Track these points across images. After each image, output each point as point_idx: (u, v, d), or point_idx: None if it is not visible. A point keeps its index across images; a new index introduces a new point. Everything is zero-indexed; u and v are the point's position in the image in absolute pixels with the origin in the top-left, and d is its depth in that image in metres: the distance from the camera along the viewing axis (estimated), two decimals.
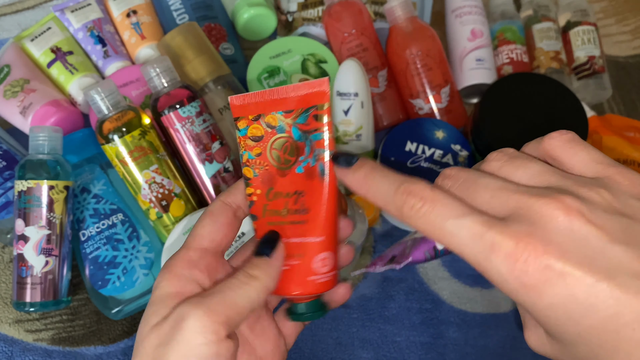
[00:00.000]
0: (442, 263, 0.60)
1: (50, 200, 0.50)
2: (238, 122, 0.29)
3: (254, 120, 0.29)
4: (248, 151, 0.30)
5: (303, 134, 0.28)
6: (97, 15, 0.65)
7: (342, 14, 0.61)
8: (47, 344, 0.54)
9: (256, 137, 0.29)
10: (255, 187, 0.30)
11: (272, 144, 0.29)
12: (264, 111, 0.29)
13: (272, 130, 0.29)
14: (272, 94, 0.29)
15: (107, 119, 0.50)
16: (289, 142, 0.29)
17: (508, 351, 0.57)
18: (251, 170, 0.30)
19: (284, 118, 0.29)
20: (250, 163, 0.30)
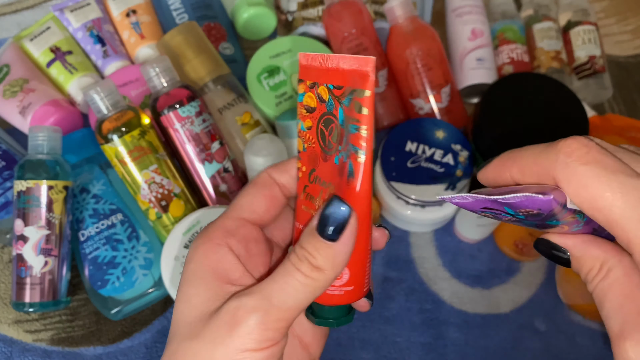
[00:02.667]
0: (443, 263, 0.60)
1: (49, 200, 0.50)
2: (299, 84, 0.25)
3: (310, 87, 0.25)
4: (302, 121, 0.26)
5: (345, 120, 0.23)
6: (96, 14, 0.64)
7: (342, 13, 0.61)
8: (47, 345, 0.54)
9: (310, 107, 0.25)
10: (303, 162, 0.27)
11: (322, 120, 0.25)
12: (319, 79, 0.24)
13: (323, 104, 0.25)
14: (328, 60, 0.24)
15: (107, 119, 0.50)
16: (335, 124, 0.24)
17: (508, 351, 0.56)
18: (302, 143, 0.26)
19: (334, 94, 0.24)
20: (302, 135, 0.26)
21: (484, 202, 0.22)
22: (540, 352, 0.57)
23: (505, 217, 0.23)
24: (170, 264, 0.49)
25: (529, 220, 0.22)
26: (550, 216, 0.21)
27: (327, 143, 0.25)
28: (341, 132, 0.24)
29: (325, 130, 0.25)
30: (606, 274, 0.22)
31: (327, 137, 0.25)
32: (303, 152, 0.26)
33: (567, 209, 0.21)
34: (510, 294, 0.59)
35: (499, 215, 0.23)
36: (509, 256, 0.61)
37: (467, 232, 0.60)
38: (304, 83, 0.25)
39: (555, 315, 0.58)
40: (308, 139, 0.26)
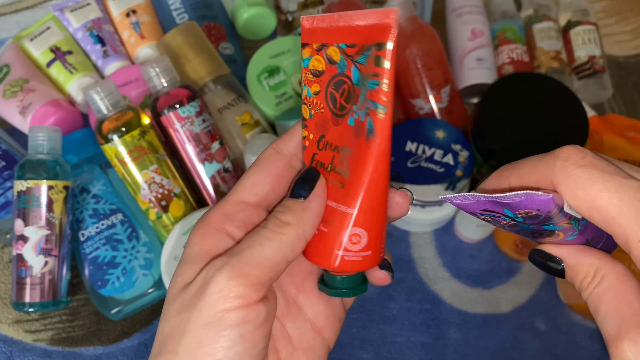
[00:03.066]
0: (443, 263, 0.60)
1: (49, 200, 0.50)
2: (303, 49, 0.25)
3: (317, 50, 0.24)
4: (307, 87, 0.25)
5: (361, 78, 0.23)
6: (96, 14, 0.64)
7: None
8: (47, 345, 0.54)
9: (317, 71, 0.25)
10: (309, 131, 0.26)
11: (332, 83, 0.24)
12: (328, 41, 0.24)
13: (333, 66, 0.24)
14: (339, 20, 0.23)
15: (107, 119, 0.50)
16: (347, 85, 0.23)
17: (508, 351, 0.56)
18: (308, 110, 0.25)
19: (346, 53, 0.23)
20: (308, 101, 0.25)
21: (484, 203, 0.23)
22: (540, 352, 0.57)
23: (503, 221, 0.23)
24: (170, 264, 0.49)
25: (527, 223, 0.23)
26: (547, 219, 0.22)
27: (340, 106, 0.24)
28: (356, 91, 0.23)
29: (337, 93, 0.24)
30: (600, 280, 0.22)
31: (338, 99, 0.24)
32: (310, 119, 0.25)
33: (563, 212, 0.21)
34: (510, 294, 0.59)
35: (497, 219, 0.24)
36: (509, 256, 0.61)
37: (467, 232, 0.60)
38: (310, 46, 0.24)
39: (555, 315, 0.58)
40: (315, 104, 0.25)
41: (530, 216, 0.22)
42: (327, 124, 0.25)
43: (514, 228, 0.24)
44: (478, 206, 0.23)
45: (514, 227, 0.24)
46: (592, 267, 0.23)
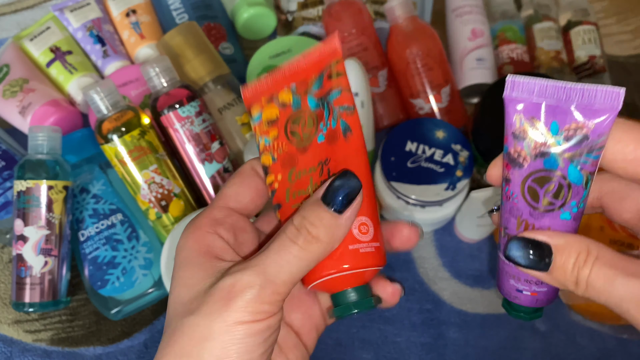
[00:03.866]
0: (443, 263, 0.60)
1: (49, 200, 0.50)
2: (252, 110, 0.27)
3: (267, 102, 0.27)
4: (264, 136, 0.27)
5: (319, 101, 0.26)
6: (96, 14, 0.64)
7: (342, 13, 0.61)
8: (47, 345, 0.54)
9: (271, 120, 0.27)
10: (275, 173, 0.27)
11: (288, 122, 0.27)
12: (276, 90, 0.27)
13: (287, 107, 0.27)
14: (282, 71, 0.27)
15: (106, 119, 0.50)
16: (305, 115, 0.27)
17: (508, 352, 0.56)
18: (269, 157, 0.27)
19: (296, 92, 0.27)
20: (268, 149, 0.27)
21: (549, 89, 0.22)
22: (540, 352, 0.57)
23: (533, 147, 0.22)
24: (170, 264, 0.49)
25: (559, 151, 0.22)
26: (591, 142, 0.21)
27: (302, 136, 0.27)
28: (317, 114, 0.26)
29: (297, 126, 0.27)
30: (597, 258, 0.22)
31: (300, 131, 0.27)
32: (273, 163, 0.27)
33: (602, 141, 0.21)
34: None
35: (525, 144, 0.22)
36: None
37: (467, 232, 0.60)
38: (258, 103, 0.27)
39: (555, 315, 0.58)
40: (276, 147, 0.27)
41: (575, 136, 0.21)
42: (293, 157, 0.27)
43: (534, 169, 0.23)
44: (533, 94, 0.22)
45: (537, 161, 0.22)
46: (584, 244, 0.22)
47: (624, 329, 0.57)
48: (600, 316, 0.56)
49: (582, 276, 0.22)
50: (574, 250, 0.22)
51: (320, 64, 0.26)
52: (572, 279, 0.22)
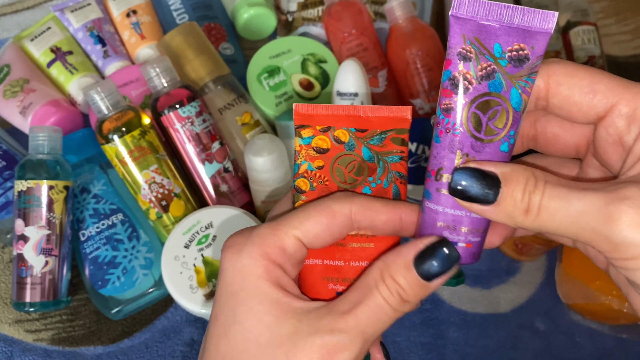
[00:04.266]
0: None
1: (50, 200, 0.50)
2: (302, 130, 0.27)
3: (322, 131, 0.27)
4: (309, 161, 0.27)
5: (375, 155, 0.27)
6: (96, 15, 0.64)
7: (342, 13, 0.61)
8: (47, 344, 0.54)
9: (321, 148, 0.27)
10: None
11: (338, 159, 0.27)
12: (335, 124, 0.27)
13: (340, 145, 0.27)
14: (346, 110, 0.27)
15: (107, 119, 0.50)
16: (356, 161, 0.27)
17: (508, 351, 0.56)
18: (308, 183, 0.28)
19: (356, 136, 0.27)
20: (309, 175, 0.27)
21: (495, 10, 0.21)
22: (540, 352, 0.57)
23: (479, 67, 0.22)
24: (170, 263, 0.49)
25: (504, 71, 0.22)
26: (532, 64, 0.21)
27: (347, 179, 0.27)
28: (368, 166, 0.27)
29: (344, 168, 0.27)
30: (546, 182, 0.21)
31: (345, 173, 0.27)
32: (310, 190, 0.27)
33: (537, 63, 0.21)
34: (510, 294, 0.59)
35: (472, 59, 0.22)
36: (509, 256, 0.61)
37: None
38: (312, 128, 0.27)
39: (555, 315, 0.58)
40: (318, 177, 0.27)
41: (519, 57, 0.21)
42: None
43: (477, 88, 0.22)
44: (479, 14, 0.22)
45: (483, 84, 0.22)
46: (530, 172, 0.22)
47: (624, 329, 0.57)
48: (600, 316, 0.56)
49: (534, 201, 0.21)
50: (522, 177, 0.21)
51: (386, 123, 0.27)
52: (523, 206, 0.21)
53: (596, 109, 0.22)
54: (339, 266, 0.27)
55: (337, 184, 0.27)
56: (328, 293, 0.27)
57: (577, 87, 0.22)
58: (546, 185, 0.21)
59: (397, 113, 0.27)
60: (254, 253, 0.24)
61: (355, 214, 0.25)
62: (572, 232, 0.21)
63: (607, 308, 0.53)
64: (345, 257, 0.27)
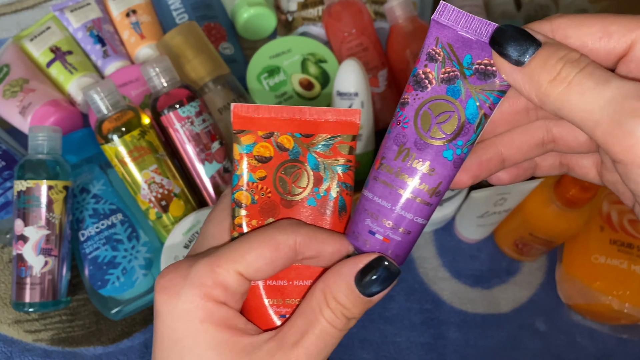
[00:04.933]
0: (443, 263, 0.60)
1: (49, 200, 0.50)
2: (242, 136, 0.25)
3: (264, 137, 0.25)
4: (250, 172, 0.25)
5: (321, 163, 0.25)
6: (96, 14, 0.64)
7: (342, 13, 0.61)
8: (47, 345, 0.54)
9: (264, 157, 0.25)
10: (250, 217, 0.25)
11: (281, 168, 0.25)
12: (278, 129, 0.25)
13: (284, 152, 0.25)
14: (291, 112, 0.25)
15: (107, 119, 0.50)
16: (301, 170, 0.25)
17: (508, 351, 0.56)
18: (249, 196, 0.25)
19: (301, 142, 0.25)
20: (250, 187, 0.25)
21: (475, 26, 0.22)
22: (540, 352, 0.57)
23: (443, 73, 0.22)
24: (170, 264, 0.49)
25: (466, 82, 0.22)
26: (494, 82, 0.21)
27: (291, 189, 0.25)
28: (316, 176, 0.25)
29: (288, 177, 0.25)
30: (590, 62, 0.20)
31: (289, 183, 0.25)
32: (252, 204, 0.25)
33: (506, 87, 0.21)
34: (510, 294, 0.59)
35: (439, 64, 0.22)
36: (509, 256, 0.61)
37: (467, 232, 0.60)
38: (253, 134, 0.25)
39: (555, 315, 0.58)
40: (260, 189, 0.25)
41: (486, 71, 0.21)
42: (275, 207, 0.26)
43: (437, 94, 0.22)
44: (458, 24, 0.22)
45: (442, 86, 0.22)
46: (575, 50, 0.20)
47: (624, 329, 0.57)
48: (600, 316, 0.56)
49: (568, 72, 0.19)
50: (564, 47, 0.20)
51: (334, 127, 0.25)
52: (554, 72, 0.20)
53: (615, 51, 0.21)
54: (282, 286, 0.25)
55: (281, 196, 0.25)
56: (272, 317, 0.26)
57: (588, 35, 0.21)
58: (589, 64, 0.20)
59: (345, 117, 0.25)
60: (193, 296, 0.22)
61: (300, 245, 0.24)
62: (595, 117, 0.19)
63: (608, 308, 0.53)
64: (289, 277, 0.26)
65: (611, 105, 0.18)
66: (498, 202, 0.53)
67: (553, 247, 0.57)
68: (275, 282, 0.25)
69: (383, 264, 0.23)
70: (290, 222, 0.25)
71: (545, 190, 0.53)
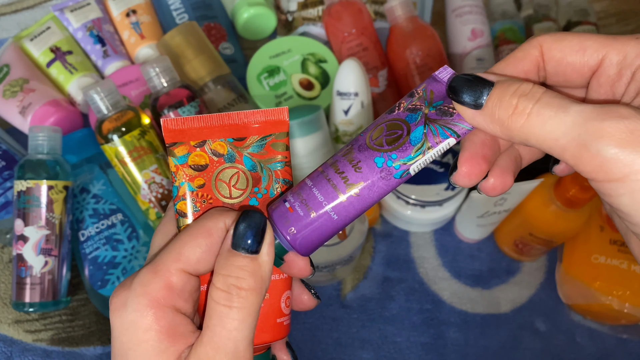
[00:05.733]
0: (443, 263, 0.60)
1: (49, 200, 0.50)
2: (175, 148, 0.26)
3: (197, 146, 0.26)
4: (188, 182, 0.26)
5: (257, 163, 0.26)
6: (96, 14, 0.64)
7: (342, 13, 0.61)
8: (47, 344, 0.54)
9: (199, 165, 0.26)
10: None
11: (219, 174, 0.26)
12: (210, 137, 0.26)
13: (220, 158, 0.26)
14: (219, 119, 0.26)
15: (107, 119, 0.50)
16: (239, 173, 0.26)
17: (508, 351, 0.56)
18: (190, 205, 0.26)
19: (234, 146, 0.26)
20: (191, 196, 0.26)
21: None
22: (540, 352, 0.57)
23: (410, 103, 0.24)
24: None
25: (429, 114, 0.24)
26: (461, 120, 0.23)
27: (232, 192, 0.26)
28: (254, 176, 0.26)
29: (226, 182, 0.26)
30: (545, 91, 0.21)
31: (229, 187, 0.26)
32: (195, 213, 0.26)
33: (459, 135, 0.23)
34: (510, 294, 0.59)
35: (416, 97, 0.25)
36: (509, 256, 0.61)
37: (467, 231, 0.60)
38: (186, 145, 0.26)
39: (555, 315, 0.58)
40: (200, 197, 0.26)
41: (446, 111, 0.23)
42: None
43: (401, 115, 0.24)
44: (448, 80, 0.24)
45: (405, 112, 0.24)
46: (527, 81, 0.22)
47: (624, 329, 0.57)
48: (600, 316, 0.56)
49: (526, 105, 0.21)
50: (516, 81, 0.22)
51: (264, 128, 0.26)
52: (510, 108, 0.21)
53: (589, 64, 0.23)
54: None
55: (223, 200, 0.26)
56: None
57: (567, 47, 0.23)
58: (544, 93, 0.21)
59: (274, 116, 0.26)
60: (139, 305, 0.22)
61: (230, 226, 0.24)
62: (561, 143, 0.20)
63: (608, 308, 0.53)
64: None
65: (574, 129, 0.20)
66: (498, 202, 0.53)
67: (553, 247, 0.57)
68: None
69: (247, 215, 0.23)
70: (218, 208, 0.25)
71: (545, 190, 0.53)
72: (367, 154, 0.24)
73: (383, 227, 0.61)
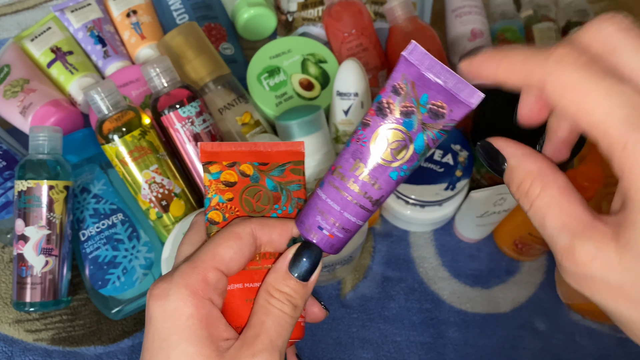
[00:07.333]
0: (442, 263, 0.60)
1: (50, 200, 0.50)
2: (210, 166, 0.30)
3: (228, 166, 0.30)
4: (219, 195, 0.30)
5: (278, 185, 0.30)
6: (97, 15, 0.65)
7: (342, 14, 0.61)
8: (47, 344, 0.54)
9: (229, 182, 0.30)
10: None
11: (245, 191, 0.30)
12: (240, 160, 0.30)
13: (246, 178, 0.30)
14: (248, 147, 0.30)
15: (107, 119, 0.50)
16: (262, 191, 0.30)
17: (508, 351, 0.57)
18: (220, 214, 0.30)
19: (259, 169, 0.30)
20: (221, 207, 0.30)
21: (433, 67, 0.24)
22: (540, 352, 0.57)
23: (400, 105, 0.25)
24: (170, 263, 0.49)
25: (420, 118, 0.25)
26: (447, 125, 0.25)
27: (255, 208, 0.30)
28: (274, 195, 0.30)
29: (251, 198, 0.30)
30: (540, 192, 0.22)
31: (253, 203, 0.30)
32: (223, 222, 0.30)
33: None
34: (510, 294, 0.59)
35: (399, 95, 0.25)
36: (509, 256, 0.61)
37: (466, 231, 0.60)
38: (219, 164, 0.30)
39: (555, 315, 0.58)
40: (229, 209, 0.30)
41: (437, 112, 0.25)
42: None
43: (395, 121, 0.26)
44: (423, 65, 0.25)
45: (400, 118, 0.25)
46: (530, 176, 0.22)
47: None
48: (599, 316, 0.56)
49: (526, 207, 0.23)
50: (518, 178, 0.23)
51: (284, 156, 0.31)
52: (519, 201, 0.23)
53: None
54: (257, 287, 0.29)
55: (247, 213, 0.30)
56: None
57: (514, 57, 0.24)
58: (537, 200, 0.22)
59: (292, 148, 0.31)
60: (181, 294, 0.25)
61: (256, 231, 0.28)
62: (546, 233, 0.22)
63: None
64: (262, 278, 0.29)
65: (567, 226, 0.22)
66: (498, 202, 0.53)
67: None
68: (252, 284, 0.29)
69: (307, 249, 0.27)
70: (244, 217, 0.29)
71: None
72: (380, 170, 0.26)
73: (383, 226, 0.61)
